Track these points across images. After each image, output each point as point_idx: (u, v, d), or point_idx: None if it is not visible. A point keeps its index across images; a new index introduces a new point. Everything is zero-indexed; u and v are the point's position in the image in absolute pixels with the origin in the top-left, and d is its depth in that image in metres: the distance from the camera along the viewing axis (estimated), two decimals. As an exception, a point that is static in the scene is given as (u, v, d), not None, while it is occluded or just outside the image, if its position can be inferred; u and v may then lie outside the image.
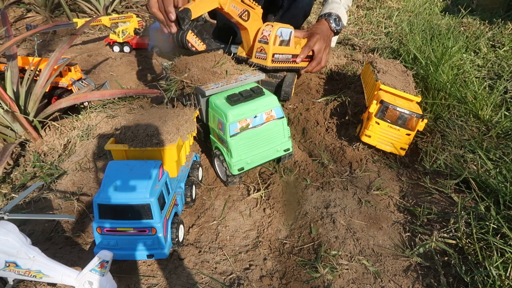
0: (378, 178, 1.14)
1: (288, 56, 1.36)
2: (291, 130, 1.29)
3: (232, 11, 1.24)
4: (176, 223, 0.88)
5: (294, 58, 1.38)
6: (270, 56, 1.30)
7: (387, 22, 2.41)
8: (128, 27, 2.21)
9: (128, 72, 1.96)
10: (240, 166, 1.04)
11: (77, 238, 0.96)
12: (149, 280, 0.84)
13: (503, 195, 0.96)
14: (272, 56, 1.31)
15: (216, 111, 1.03)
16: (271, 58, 1.31)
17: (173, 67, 1.15)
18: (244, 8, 1.27)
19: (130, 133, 0.94)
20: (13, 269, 0.73)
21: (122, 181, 0.81)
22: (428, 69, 1.57)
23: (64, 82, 1.54)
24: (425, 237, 0.93)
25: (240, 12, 1.26)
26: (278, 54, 1.32)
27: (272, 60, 1.31)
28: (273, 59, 1.31)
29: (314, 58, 1.41)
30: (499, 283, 0.77)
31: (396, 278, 0.84)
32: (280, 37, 1.30)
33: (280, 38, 1.30)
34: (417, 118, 1.13)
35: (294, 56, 1.38)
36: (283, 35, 1.30)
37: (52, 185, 1.12)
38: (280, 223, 0.99)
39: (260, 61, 1.33)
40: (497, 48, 1.96)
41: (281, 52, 1.32)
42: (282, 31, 1.29)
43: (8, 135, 1.34)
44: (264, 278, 0.85)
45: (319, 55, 1.40)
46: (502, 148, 1.13)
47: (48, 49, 2.22)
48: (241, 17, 1.28)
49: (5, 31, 1.47)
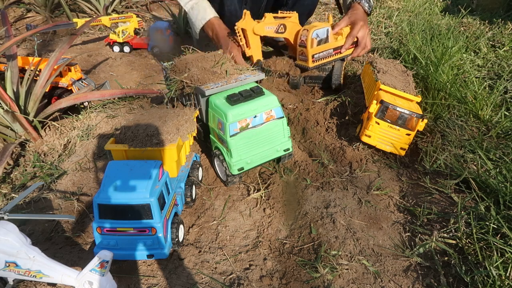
0: (378, 178, 1.14)
1: (329, 51, 1.46)
2: (291, 130, 1.29)
3: (268, 32, 1.44)
4: (176, 223, 0.88)
5: (337, 50, 1.49)
6: (310, 57, 1.42)
7: (387, 22, 2.41)
8: (128, 27, 2.21)
9: (128, 72, 1.96)
10: (240, 166, 1.04)
11: (77, 238, 0.96)
12: (149, 280, 0.84)
13: (503, 195, 0.96)
14: (312, 57, 1.42)
15: (216, 111, 1.03)
16: (311, 59, 1.43)
17: (173, 67, 1.16)
18: (279, 23, 1.43)
19: (130, 133, 0.94)
20: (13, 269, 0.73)
21: (122, 181, 0.81)
22: (428, 69, 1.57)
23: (64, 82, 1.54)
24: (425, 237, 0.93)
25: (276, 29, 1.43)
26: (317, 53, 1.43)
27: (313, 60, 1.44)
28: (313, 59, 1.43)
29: (359, 44, 1.49)
30: (499, 283, 0.77)
31: (396, 278, 0.84)
32: (316, 38, 1.39)
33: (317, 39, 1.40)
34: (417, 118, 1.13)
35: (336, 48, 1.48)
36: (320, 35, 1.40)
37: (52, 185, 1.12)
38: (280, 223, 0.99)
39: (303, 63, 1.48)
40: (497, 48, 1.96)
41: (320, 50, 1.43)
42: (317, 33, 1.39)
43: (8, 135, 1.34)
44: (264, 278, 0.85)
45: (363, 40, 1.48)
46: (502, 148, 1.13)
47: (48, 49, 2.23)
48: (278, 32, 1.46)
49: (5, 31, 1.47)
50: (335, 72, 1.50)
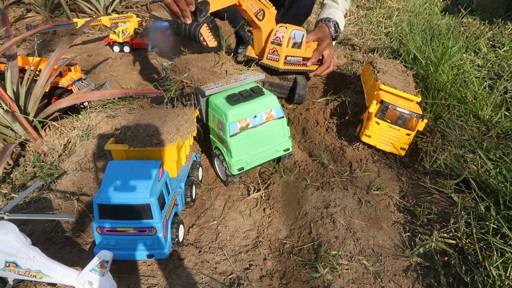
0: (378, 178, 1.14)
1: (299, 58, 1.36)
2: (291, 130, 1.29)
3: (249, 9, 1.25)
4: (176, 223, 0.88)
5: (304, 61, 1.38)
6: (283, 58, 1.29)
7: (387, 22, 2.41)
8: (128, 27, 2.21)
9: (128, 72, 1.96)
10: (240, 166, 1.04)
11: (77, 238, 0.96)
12: (149, 280, 0.84)
13: (503, 195, 0.96)
14: (285, 58, 1.30)
15: (216, 111, 1.03)
16: (284, 60, 1.30)
17: (173, 67, 1.15)
18: (260, 7, 1.26)
19: (130, 133, 0.94)
20: (13, 269, 0.73)
21: (122, 181, 0.81)
22: (428, 69, 1.57)
23: (64, 82, 1.54)
24: (425, 237, 0.93)
25: (256, 11, 1.26)
26: (290, 56, 1.31)
27: (285, 62, 1.31)
28: (285, 61, 1.30)
29: (324, 62, 1.43)
30: (499, 283, 0.77)
31: (396, 278, 0.84)
32: (293, 39, 1.29)
33: (293, 40, 1.29)
34: (417, 118, 1.13)
35: (304, 59, 1.37)
36: (296, 38, 1.30)
37: (52, 185, 1.12)
38: (280, 223, 0.99)
39: (272, 63, 1.32)
40: (497, 48, 1.96)
41: (293, 54, 1.32)
42: (295, 33, 1.28)
43: (8, 135, 1.34)
44: (264, 278, 0.85)
45: (329, 59, 1.42)
46: (502, 148, 1.13)
47: (48, 49, 2.22)
48: (257, 16, 1.27)
49: (5, 31, 1.47)
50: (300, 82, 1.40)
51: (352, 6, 2.85)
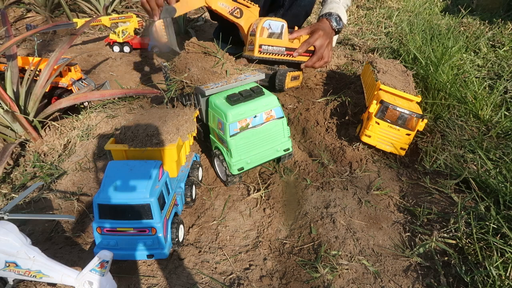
0: (378, 178, 1.14)
1: (281, 48, 1.38)
2: (291, 130, 1.29)
3: (221, 9, 1.31)
4: (176, 223, 0.88)
5: (290, 52, 1.41)
6: (257, 47, 1.33)
7: (387, 22, 2.41)
8: (128, 27, 2.21)
9: (128, 72, 1.96)
10: (240, 166, 1.04)
11: (77, 238, 0.96)
12: (149, 280, 0.84)
13: (503, 195, 0.96)
14: (259, 47, 1.33)
15: (216, 111, 1.03)
16: (258, 49, 1.34)
17: (173, 67, 1.15)
18: (235, 6, 1.32)
19: (130, 133, 0.94)
20: (13, 269, 0.73)
21: (122, 181, 0.81)
22: (428, 69, 1.57)
23: (64, 82, 1.54)
24: (425, 237, 0.93)
25: (231, 10, 1.32)
26: (266, 45, 1.34)
27: (260, 51, 1.34)
28: (260, 50, 1.34)
29: (315, 53, 1.44)
30: (499, 283, 0.77)
31: (396, 278, 0.84)
32: (268, 29, 1.32)
33: (269, 30, 1.33)
34: (417, 118, 1.13)
35: (289, 49, 1.40)
36: (272, 28, 1.33)
37: (52, 185, 1.12)
38: (280, 223, 0.99)
39: (249, 53, 1.38)
40: (497, 48, 1.96)
41: (270, 44, 1.35)
42: (270, 24, 1.32)
43: (8, 135, 1.34)
44: (264, 278, 0.85)
45: (321, 50, 1.43)
46: (502, 148, 1.13)
47: (48, 49, 2.22)
48: (233, 14, 1.33)
49: (5, 31, 1.47)
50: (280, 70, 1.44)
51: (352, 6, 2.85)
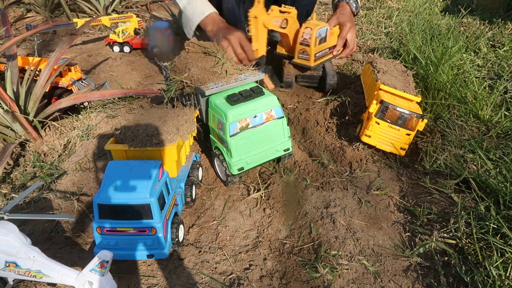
0: (378, 178, 1.14)
1: (325, 50, 1.49)
2: (291, 130, 1.29)
3: (274, 26, 1.44)
4: (176, 223, 0.88)
5: (331, 50, 1.51)
6: (313, 56, 1.43)
7: (387, 22, 2.41)
8: (128, 27, 2.21)
9: (128, 72, 1.96)
10: (240, 166, 1.04)
11: (77, 238, 0.96)
12: (149, 280, 0.84)
13: (503, 195, 0.96)
14: (314, 56, 1.44)
15: (216, 111, 1.03)
16: (314, 58, 1.44)
17: (173, 67, 1.15)
18: (283, 18, 1.42)
19: (130, 133, 0.94)
20: (13, 269, 0.73)
21: (122, 181, 0.81)
22: (428, 69, 1.57)
23: (64, 82, 1.54)
24: (425, 237, 0.93)
25: (280, 23, 1.44)
26: (318, 52, 1.45)
27: (315, 59, 1.45)
28: (315, 58, 1.45)
29: (347, 45, 1.52)
30: (499, 283, 0.77)
31: (396, 278, 0.84)
32: (319, 37, 1.40)
33: (319, 37, 1.41)
34: (417, 118, 1.13)
35: (330, 48, 1.51)
36: (321, 34, 1.42)
37: (52, 185, 1.12)
38: (280, 223, 0.99)
39: (304, 62, 1.48)
40: (497, 48, 1.96)
41: (320, 49, 1.46)
42: (320, 32, 1.40)
43: (8, 135, 1.34)
44: (264, 278, 0.85)
45: (352, 42, 1.51)
46: (502, 148, 1.13)
47: (48, 49, 2.22)
48: (282, 26, 1.45)
49: (5, 31, 1.47)
50: (329, 72, 1.51)
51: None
